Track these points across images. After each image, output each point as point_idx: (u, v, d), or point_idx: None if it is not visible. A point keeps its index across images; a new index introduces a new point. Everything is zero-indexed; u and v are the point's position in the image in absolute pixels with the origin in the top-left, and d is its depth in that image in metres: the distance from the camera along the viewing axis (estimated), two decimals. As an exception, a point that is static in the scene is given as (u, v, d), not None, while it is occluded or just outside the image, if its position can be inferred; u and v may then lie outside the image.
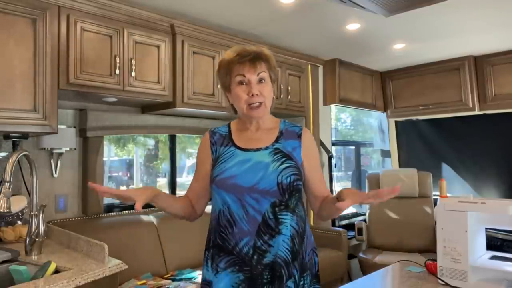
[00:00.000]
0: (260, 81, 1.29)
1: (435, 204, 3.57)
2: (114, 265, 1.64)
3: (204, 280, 1.31)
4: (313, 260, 1.34)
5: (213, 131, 1.40)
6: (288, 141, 1.32)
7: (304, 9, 2.55)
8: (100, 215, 2.58)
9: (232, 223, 1.24)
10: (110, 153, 3.38)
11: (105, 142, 2.72)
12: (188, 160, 3.93)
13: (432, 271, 1.54)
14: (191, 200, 1.39)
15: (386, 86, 4.35)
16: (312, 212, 3.61)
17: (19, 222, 2.17)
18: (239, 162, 1.27)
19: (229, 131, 1.38)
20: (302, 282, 1.27)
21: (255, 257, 1.21)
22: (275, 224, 1.22)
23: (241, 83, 1.29)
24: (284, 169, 1.24)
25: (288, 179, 1.23)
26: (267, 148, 1.30)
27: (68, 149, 2.45)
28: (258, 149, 1.30)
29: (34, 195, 1.86)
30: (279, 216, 1.23)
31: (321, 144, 3.76)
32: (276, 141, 1.32)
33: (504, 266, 1.40)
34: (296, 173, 1.26)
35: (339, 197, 1.16)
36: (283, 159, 1.27)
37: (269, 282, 1.22)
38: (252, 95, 1.27)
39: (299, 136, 1.34)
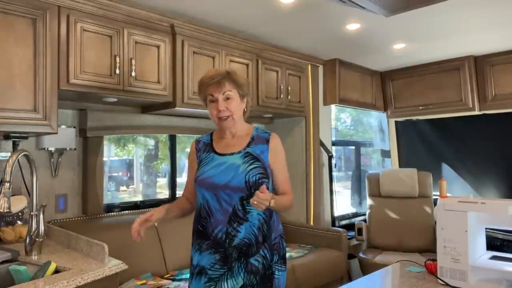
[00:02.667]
0: (227, 98, 1.57)
1: (435, 204, 3.57)
2: (114, 265, 1.64)
3: (191, 259, 1.61)
4: (281, 244, 1.61)
5: (198, 140, 1.70)
6: (257, 145, 1.59)
7: (304, 9, 2.56)
8: (100, 215, 2.58)
9: (210, 214, 1.53)
10: (110, 153, 3.38)
11: (105, 142, 2.72)
12: (188, 160, 3.93)
13: (432, 271, 1.54)
14: (188, 197, 1.71)
15: (386, 86, 4.35)
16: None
17: (19, 222, 2.17)
18: (216, 165, 1.56)
19: (211, 140, 1.68)
20: (268, 258, 1.55)
21: (227, 240, 1.51)
22: (243, 214, 1.51)
23: (211, 101, 1.59)
24: (251, 170, 1.52)
25: (254, 177, 1.51)
26: (239, 152, 1.58)
27: (68, 149, 2.45)
28: (232, 154, 1.58)
29: (34, 195, 1.86)
30: (247, 207, 1.51)
31: (321, 144, 3.77)
32: (248, 145, 1.59)
33: (504, 266, 1.40)
34: (262, 172, 1.53)
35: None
36: (252, 161, 1.55)
37: (236, 259, 1.51)
38: (219, 110, 1.56)
39: (267, 141, 1.60)
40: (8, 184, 1.66)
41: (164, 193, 3.33)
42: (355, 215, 4.31)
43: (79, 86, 2.12)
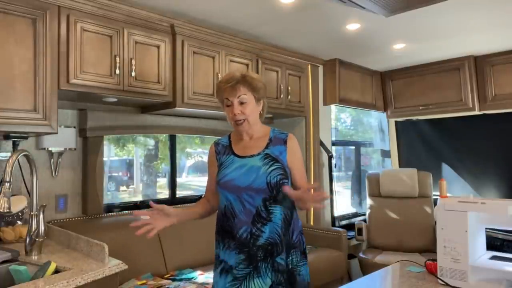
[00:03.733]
0: (241, 103, 1.59)
1: (435, 204, 3.57)
2: (114, 265, 1.64)
3: (217, 256, 1.63)
4: (301, 240, 1.66)
5: (217, 142, 1.72)
6: (276, 146, 1.62)
7: (304, 9, 2.56)
8: (100, 215, 2.58)
9: (233, 215, 1.56)
10: (110, 153, 3.38)
11: (105, 142, 2.72)
12: (188, 160, 3.94)
13: (432, 271, 1.54)
14: (209, 199, 1.74)
15: (386, 86, 4.35)
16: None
17: (19, 222, 2.17)
18: (237, 168, 1.59)
19: (230, 142, 1.69)
20: (290, 258, 1.59)
21: (252, 240, 1.54)
22: (266, 214, 1.54)
23: (227, 105, 1.61)
24: (272, 171, 1.55)
25: (275, 179, 1.54)
26: (259, 154, 1.61)
27: (68, 149, 2.45)
28: (252, 156, 1.61)
29: (34, 195, 1.86)
30: (270, 208, 1.55)
31: (321, 144, 3.76)
32: (266, 147, 1.62)
33: (504, 266, 1.40)
34: (282, 173, 1.56)
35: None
36: (271, 162, 1.58)
37: (262, 259, 1.54)
38: (234, 114, 1.58)
39: (285, 142, 1.64)
40: (8, 184, 1.66)
41: (164, 193, 3.33)
42: (355, 215, 4.31)
43: (79, 86, 2.12)
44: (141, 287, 2.28)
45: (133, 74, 2.32)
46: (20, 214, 2.18)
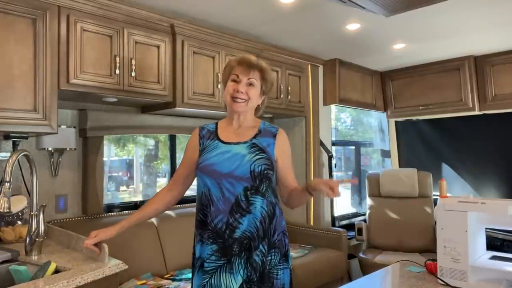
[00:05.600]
0: (250, 84, 1.54)
1: (435, 204, 3.57)
2: (114, 265, 1.64)
3: (193, 254, 1.57)
4: (283, 241, 1.55)
5: (202, 127, 1.66)
6: (264, 138, 1.56)
7: (304, 9, 2.56)
8: (100, 215, 2.58)
9: (210, 202, 1.48)
10: (110, 153, 3.38)
11: (105, 142, 2.72)
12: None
13: (432, 271, 1.54)
14: (172, 187, 1.66)
15: (386, 86, 4.35)
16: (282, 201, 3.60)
17: (19, 222, 2.17)
18: (220, 153, 1.51)
19: (216, 128, 1.63)
20: (270, 258, 1.50)
21: (227, 231, 1.45)
22: (246, 205, 1.46)
23: (233, 80, 1.55)
24: (257, 160, 1.48)
25: (260, 167, 1.47)
26: (245, 142, 1.54)
27: (68, 149, 2.45)
28: (237, 143, 1.54)
29: (34, 195, 1.86)
30: (250, 199, 1.46)
31: (321, 144, 3.76)
32: (254, 137, 1.56)
33: (504, 266, 1.40)
34: (268, 164, 1.49)
35: (310, 186, 1.43)
36: (258, 152, 1.51)
37: (237, 253, 1.45)
38: (237, 91, 1.53)
39: (274, 136, 1.58)
40: (8, 184, 1.66)
41: (164, 193, 3.32)
42: (355, 215, 4.31)
43: (79, 86, 2.12)
44: (141, 287, 2.28)
45: (133, 74, 2.32)
46: (20, 214, 2.18)
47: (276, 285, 1.49)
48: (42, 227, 1.81)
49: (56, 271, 1.57)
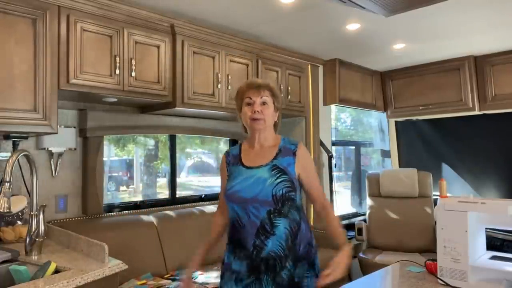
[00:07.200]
0: (263, 103, 1.63)
1: (435, 204, 3.57)
2: (114, 265, 1.64)
3: (226, 262, 1.66)
4: (310, 252, 1.64)
5: (228, 152, 1.75)
6: (284, 158, 1.62)
7: (304, 9, 2.56)
8: (100, 215, 2.58)
9: (240, 226, 1.58)
10: (110, 153, 3.38)
11: (105, 142, 2.72)
12: (188, 160, 3.93)
13: (432, 271, 1.54)
14: (223, 211, 1.75)
15: (386, 86, 4.35)
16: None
17: (19, 222, 2.17)
18: (244, 179, 1.60)
19: (240, 152, 1.71)
20: (297, 270, 1.57)
21: (255, 252, 1.54)
22: (270, 227, 1.54)
23: (248, 104, 1.64)
24: (278, 183, 1.55)
25: (281, 191, 1.54)
26: (267, 164, 1.61)
27: (68, 149, 2.45)
28: (259, 166, 1.61)
29: (34, 195, 1.86)
30: (274, 221, 1.54)
31: (321, 144, 3.76)
32: (275, 157, 1.62)
33: (504, 266, 1.40)
34: (289, 186, 1.56)
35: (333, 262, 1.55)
36: (279, 174, 1.57)
37: (265, 272, 1.54)
38: (255, 111, 1.61)
39: (294, 153, 1.63)
40: (8, 184, 1.66)
41: (164, 193, 3.33)
42: (355, 215, 4.31)
43: (79, 86, 2.12)
44: (141, 287, 2.28)
45: (133, 74, 2.32)
46: (20, 214, 2.18)
47: None
48: (42, 227, 1.81)
49: (56, 271, 1.57)
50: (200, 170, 4.09)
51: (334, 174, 3.97)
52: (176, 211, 2.92)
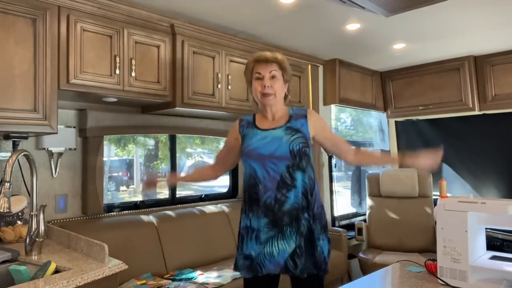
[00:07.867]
0: (272, 77, 1.70)
1: (435, 204, 3.57)
2: (114, 265, 1.64)
3: (243, 226, 1.73)
4: (322, 213, 1.74)
5: (241, 118, 1.84)
6: (297, 120, 1.72)
7: (304, 9, 2.56)
8: (100, 215, 2.58)
9: (258, 182, 1.66)
10: (110, 153, 3.38)
11: (105, 142, 2.72)
12: (188, 160, 3.94)
13: (432, 271, 1.54)
14: (215, 167, 1.97)
15: (386, 86, 4.35)
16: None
17: (19, 222, 2.17)
18: (260, 138, 1.70)
19: (254, 119, 1.81)
20: (314, 226, 1.68)
21: (276, 205, 1.64)
22: (290, 180, 1.64)
23: (257, 78, 1.71)
24: (294, 140, 1.65)
25: (298, 146, 1.64)
26: (281, 127, 1.71)
27: (68, 149, 2.45)
28: (274, 128, 1.71)
29: (34, 195, 1.86)
30: (293, 174, 1.64)
31: (321, 144, 3.76)
32: (288, 121, 1.72)
33: (504, 266, 1.40)
34: (304, 142, 1.66)
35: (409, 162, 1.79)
36: (293, 133, 1.68)
37: (287, 224, 1.64)
38: (264, 86, 1.68)
39: (305, 116, 1.74)
40: (8, 184, 1.66)
41: (164, 193, 3.33)
42: (355, 215, 4.31)
43: (79, 86, 2.12)
44: (141, 287, 2.28)
45: (133, 74, 2.32)
46: (20, 214, 2.18)
47: (318, 254, 1.67)
48: (42, 227, 1.81)
49: (56, 271, 1.57)
50: (200, 170, 4.09)
51: (334, 174, 3.97)
52: (176, 211, 2.92)
